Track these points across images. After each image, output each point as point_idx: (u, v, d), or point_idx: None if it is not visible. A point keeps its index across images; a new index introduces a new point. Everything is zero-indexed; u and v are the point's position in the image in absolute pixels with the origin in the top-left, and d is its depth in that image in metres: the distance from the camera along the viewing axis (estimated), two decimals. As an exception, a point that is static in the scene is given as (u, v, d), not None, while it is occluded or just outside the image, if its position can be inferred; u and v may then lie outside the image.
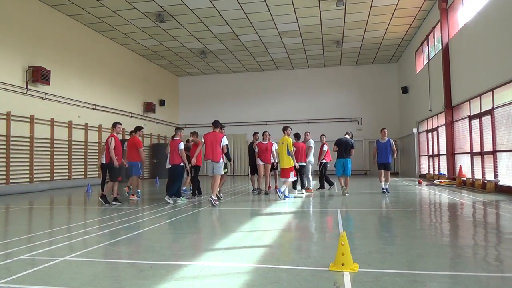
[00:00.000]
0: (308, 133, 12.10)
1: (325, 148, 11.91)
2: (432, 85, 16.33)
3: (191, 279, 3.20)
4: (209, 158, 8.48)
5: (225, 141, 8.53)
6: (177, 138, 9.28)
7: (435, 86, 15.82)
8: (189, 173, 10.46)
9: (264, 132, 11.16)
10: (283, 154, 9.41)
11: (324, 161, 11.89)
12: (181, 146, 9.02)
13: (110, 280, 3.18)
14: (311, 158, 11.45)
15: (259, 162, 10.85)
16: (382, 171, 10.58)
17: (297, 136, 11.33)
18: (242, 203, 9.17)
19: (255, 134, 11.96)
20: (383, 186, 10.57)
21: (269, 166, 10.93)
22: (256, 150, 10.95)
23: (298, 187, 11.31)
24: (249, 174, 12.06)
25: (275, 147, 11.10)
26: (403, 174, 21.91)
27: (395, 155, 10.80)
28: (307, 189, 10.88)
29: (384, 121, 23.81)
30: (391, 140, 10.85)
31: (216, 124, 8.81)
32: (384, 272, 3.31)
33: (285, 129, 9.79)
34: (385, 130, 11.06)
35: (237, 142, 25.09)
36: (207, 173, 9.38)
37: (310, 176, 11.30)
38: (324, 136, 12.18)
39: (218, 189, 8.97)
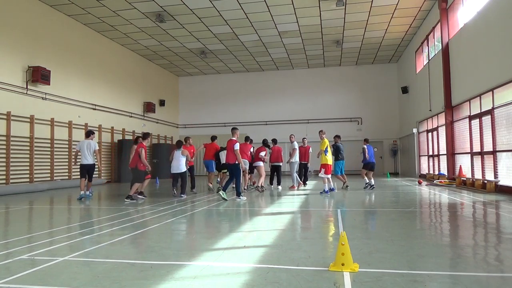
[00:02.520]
0: (293, 136, 13.15)
1: (310, 150, 13.33)
2: (432, 85, 16.33)
3: (191, 279, 3.20)
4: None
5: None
6: (234, 138, 9.53)
7: (435, 86, 15.82)
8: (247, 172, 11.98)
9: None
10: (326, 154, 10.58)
11: (305, 162, 13.29)
12: (237, 146, 9.30)
13: (110, 280, 3.18)
14: (296, 158, 12.68)
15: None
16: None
17: (274, 141, 13.04)
18: (242, 202, 9.16)
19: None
20: (368, 181, 12.34)
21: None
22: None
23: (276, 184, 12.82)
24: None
25: (269, 152, 12.78)
26: (403, 174, 21.92)
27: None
28: (292, 186, 12.48)
29: (384, 121, 23.88)
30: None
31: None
32: (384, 272, 3.31)
33: (323, 132, 11.04)
34: (368, 139, 13.48)
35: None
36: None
37: (295, 174, 12.61)
38: (305, 139, 13.64)
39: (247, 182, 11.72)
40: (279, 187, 12.56)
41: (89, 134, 10.50)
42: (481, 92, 11.36)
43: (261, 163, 11.84)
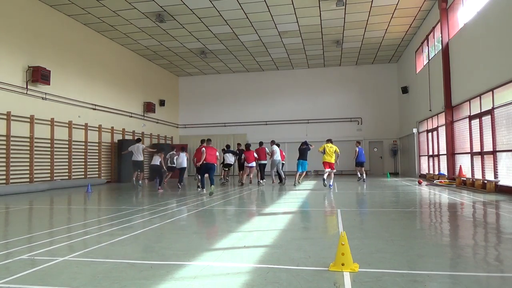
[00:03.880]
0: (272, 141, 15.75)
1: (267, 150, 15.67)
2: (432, 85, 16.33)
3: (191, 279, 3.20)
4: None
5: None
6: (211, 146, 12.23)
7: (435, 86, 15.82)
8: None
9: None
10: (333, 154, 12.42)
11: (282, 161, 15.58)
12: (218, 153, 12.33)
13: (110, 280, 3.18)
14: (278, 157, 14.98)
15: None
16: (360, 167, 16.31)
17: (260, 144, 15.82)
18: (242, 202, 9.17)
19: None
20: (359, 176, 16.11)
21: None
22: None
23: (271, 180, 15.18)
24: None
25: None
26: (403, 174, 21.91)
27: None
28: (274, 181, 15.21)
29: (384, 121, 23.87)
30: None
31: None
32: (384, 272, 3.31)
33: (331, 140, 13.06)
34: (359, 141, 18.11)
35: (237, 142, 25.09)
36: None
37: (273, 172, 15.21)
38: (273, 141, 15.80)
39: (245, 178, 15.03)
40: (263, 181, 14.99)
41: (138, 140, 14.45)
42: (481, 92, 11.36)
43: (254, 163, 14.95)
